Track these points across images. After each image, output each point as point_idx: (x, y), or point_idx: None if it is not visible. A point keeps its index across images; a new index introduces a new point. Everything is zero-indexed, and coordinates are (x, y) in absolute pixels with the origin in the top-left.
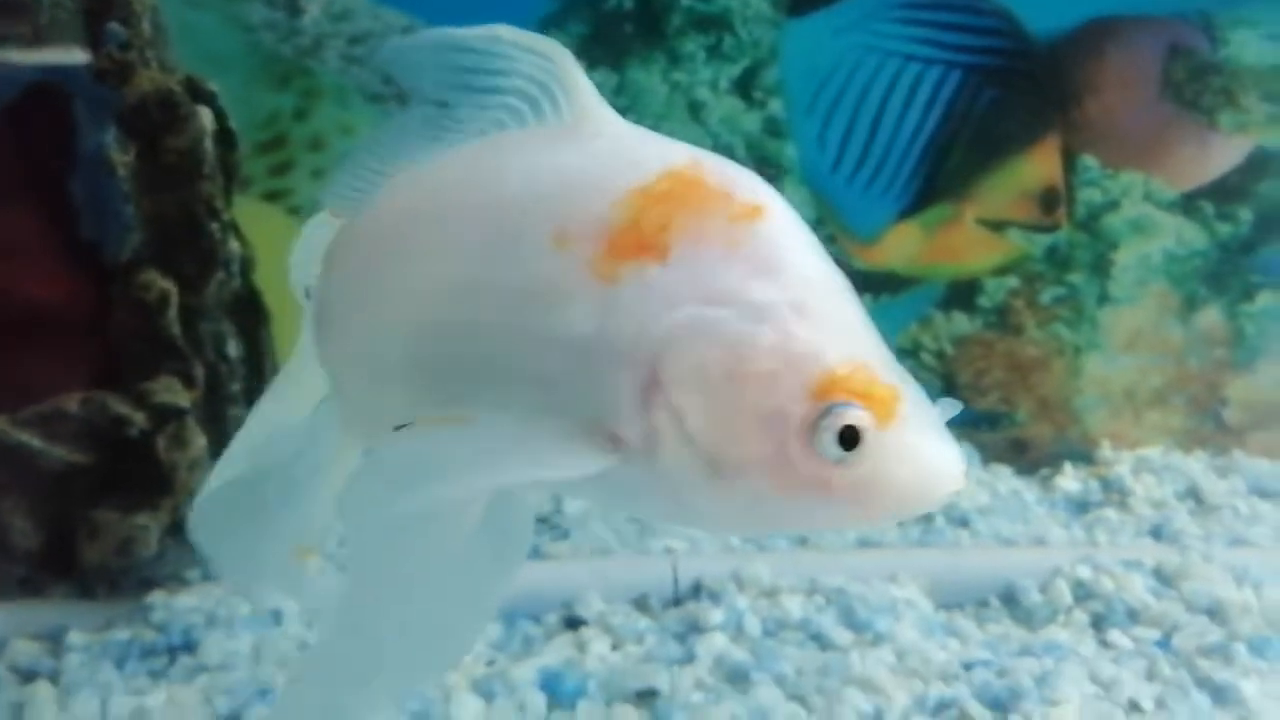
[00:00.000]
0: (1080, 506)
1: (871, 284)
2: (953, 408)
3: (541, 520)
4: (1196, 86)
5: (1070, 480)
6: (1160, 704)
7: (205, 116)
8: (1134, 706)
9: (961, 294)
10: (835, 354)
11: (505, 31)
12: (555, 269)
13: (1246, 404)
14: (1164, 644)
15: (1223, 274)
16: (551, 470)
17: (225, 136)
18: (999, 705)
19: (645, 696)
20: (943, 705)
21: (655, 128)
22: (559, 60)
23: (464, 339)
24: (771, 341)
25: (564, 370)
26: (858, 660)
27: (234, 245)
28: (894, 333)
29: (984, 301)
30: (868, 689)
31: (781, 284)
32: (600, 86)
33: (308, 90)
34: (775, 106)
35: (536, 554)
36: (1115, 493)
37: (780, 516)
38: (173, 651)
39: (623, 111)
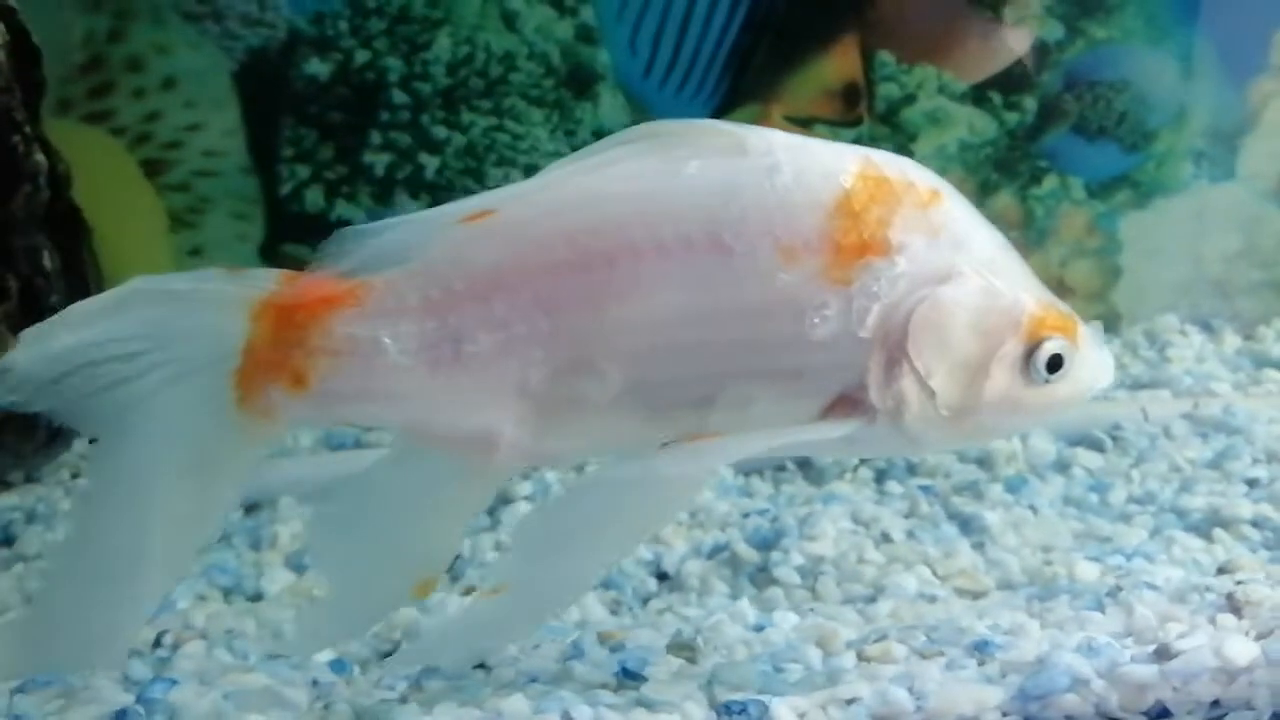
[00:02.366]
0: None
1: None
2: None
3: None
4: None
5: None
6: (910, 535)
7: None
8: (885, 537)
9: None
10: (1029, 299)
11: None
12: (791, 284)
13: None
14: (928, 488)
15: (1012, 160)
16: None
17: (26, 51)
18: (765, 545)
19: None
20: (717, 549)
21: (471, 38)
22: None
23: (698, 359)
24: (984, 302)
25: (811, 363)
26: None
27: (40, 159)
28: None
29: None
30: (651, 541)
31: (973, 252)
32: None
33: (120, 11)
34: (587, 14)
35: (361, 444)
36: None
37: (996, 432)
38: None
39: (438, 24)
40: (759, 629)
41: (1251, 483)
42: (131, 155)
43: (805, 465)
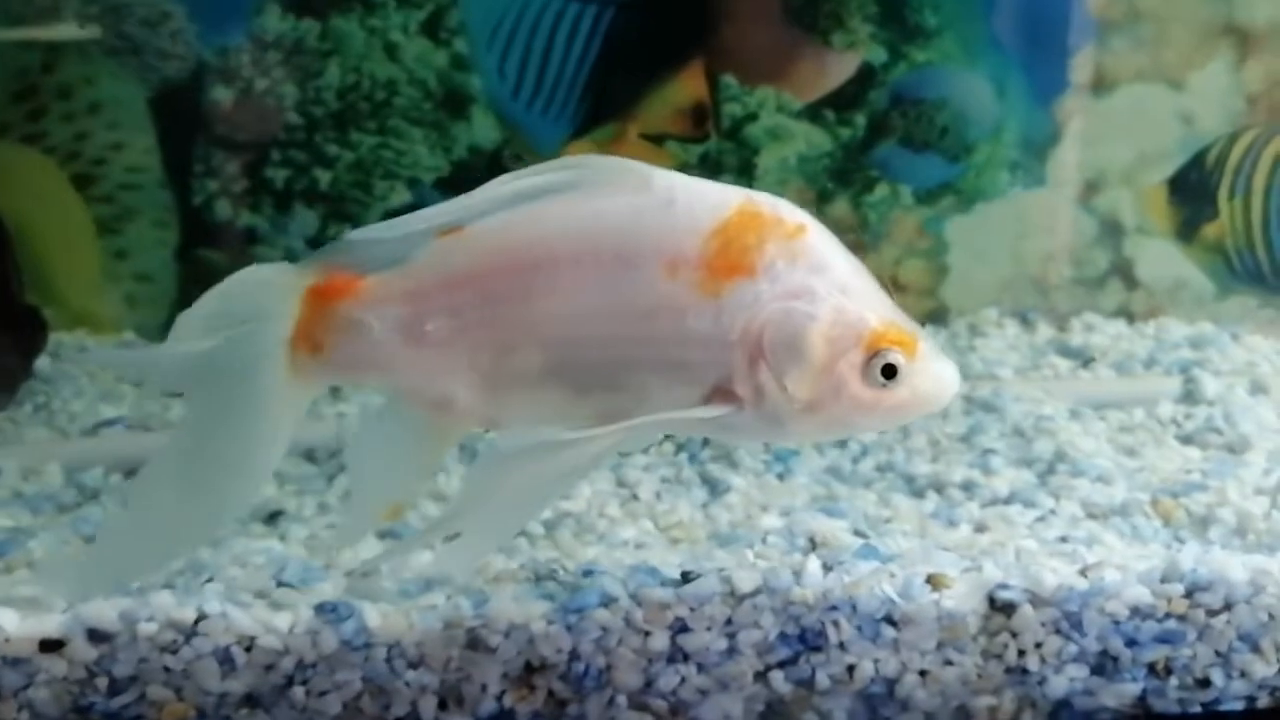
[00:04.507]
0: None
1: None
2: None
3: None
4: (811, 12)
5: None
6: (657, 495)
7: None
8: (633, 497)
9: None
10: (873, 316)
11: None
12: (672, 292)
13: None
14: (694, 457)
15: (847, 171)
16: (695, 419)
17: None
18: None
19: (273, 516)
20: None
21: (358, 68)
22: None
23: (604, 347)
24: (832, 317)
25: (691, 358)
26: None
27: None
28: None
29: None
30: (438, 498)
31: (829, 277)
32: (306, 34)
33: (52, 46)
34: (459, 44)
35: None
36: None
37: (848, 428)
38: None
39: (328, 55)
40: None
41: (987, 453)
42: (62, 171)
43: None
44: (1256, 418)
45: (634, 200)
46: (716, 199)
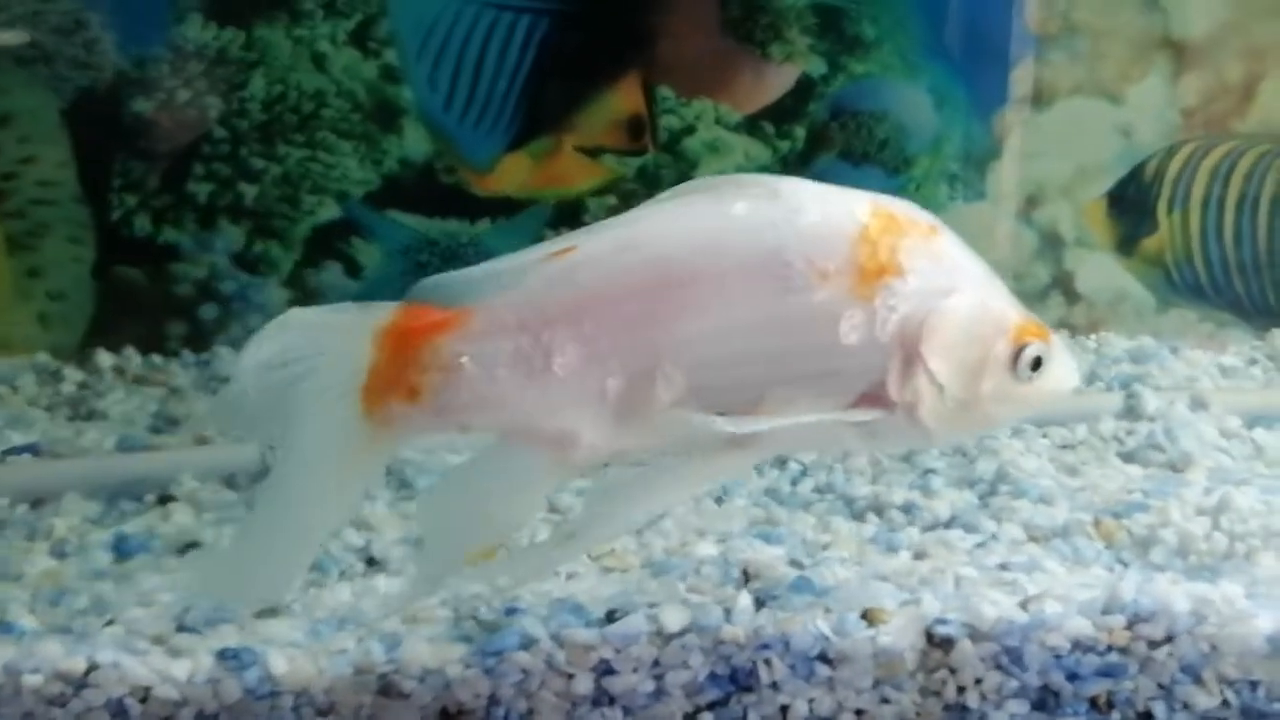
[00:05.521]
0: None
1: (490, 209)
2: None
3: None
4: (749, 24)
5: None
6: None
7: None
8: (566, 523)
9: (567, 213)
10: (1012, 311)
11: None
12: (825, 299)
13: None
14: None
15: None
16: (848, 421)
17: None
18: None
19: (187, 548)
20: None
21: (284, 78)
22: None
23: (755, 363)
24: (978, 313)
25: (843, 365)
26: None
27: None
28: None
29: (588, 218)
30: (364, 528)
31: (968, 274)
32: (230, 44)
33: None
34: (389, 55)
35: (140, 444)
36: None
37: (993, 422)
38: None
39: (253, 65)
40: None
41: (928, 473)
42: None
43: None
44: (1197, 434)
45: (766, 210)
46: (851, 203)
